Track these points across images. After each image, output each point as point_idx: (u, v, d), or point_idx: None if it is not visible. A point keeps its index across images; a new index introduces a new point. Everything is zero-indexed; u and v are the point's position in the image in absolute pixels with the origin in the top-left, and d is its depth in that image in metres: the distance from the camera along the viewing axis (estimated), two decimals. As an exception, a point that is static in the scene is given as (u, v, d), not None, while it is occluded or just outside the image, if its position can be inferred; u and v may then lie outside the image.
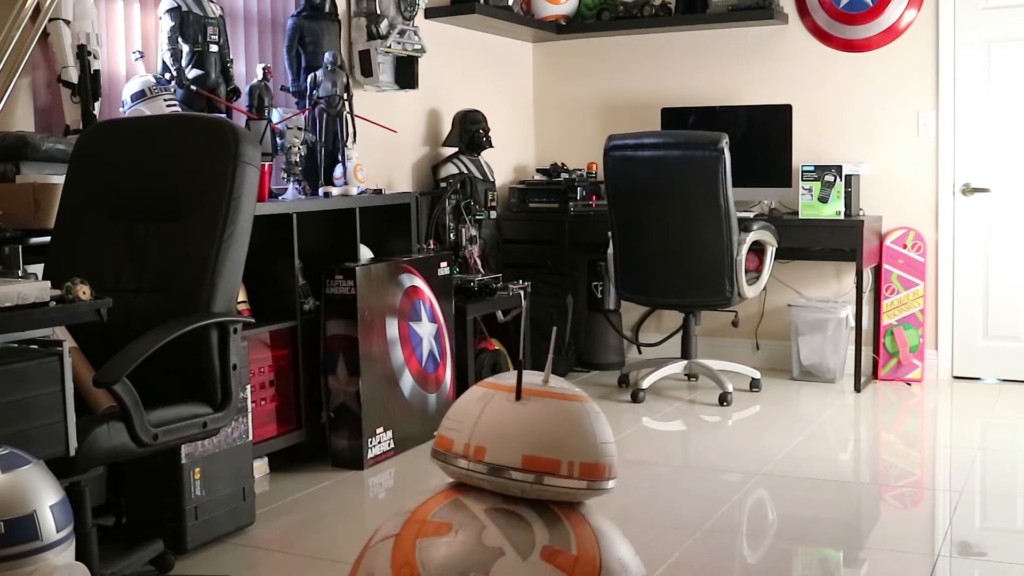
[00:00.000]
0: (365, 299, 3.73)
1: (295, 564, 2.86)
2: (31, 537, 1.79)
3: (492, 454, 1.69)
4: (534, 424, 1.70)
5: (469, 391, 1.82)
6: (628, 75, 5.79)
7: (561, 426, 1.70)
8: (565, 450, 1.69)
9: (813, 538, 3.02)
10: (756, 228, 4.72)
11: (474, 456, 1.70)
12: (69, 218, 2.61)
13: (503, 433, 1.70)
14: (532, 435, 1.69)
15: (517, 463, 1.68)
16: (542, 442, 1.69)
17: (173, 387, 2.42)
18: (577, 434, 1.71)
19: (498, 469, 1.69)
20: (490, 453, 1.69)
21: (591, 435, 1.73)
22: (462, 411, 1.76)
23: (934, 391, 4.96)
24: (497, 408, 1.73)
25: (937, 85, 5.14)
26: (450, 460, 1.73)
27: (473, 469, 1.70)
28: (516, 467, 1.68)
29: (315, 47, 4.11)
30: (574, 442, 1.70)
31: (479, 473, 1.70)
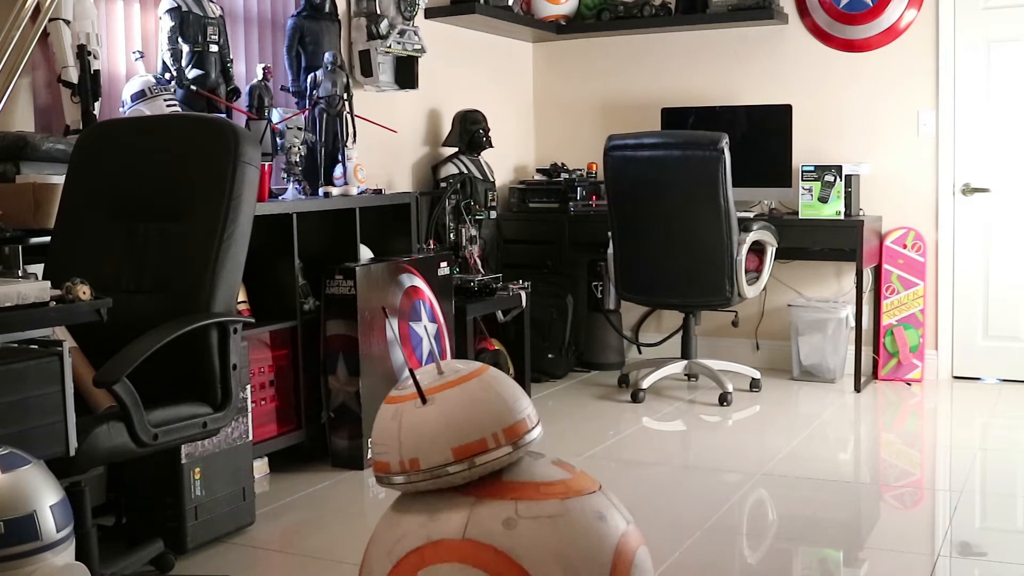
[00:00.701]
0: (365, 299, 3.73)
1: (295, 564, 2.86)
2: (31, 537, 1.79)
3: (425, 461, 1.80)
4: (447, 419, 1.81)
5: (380, 411, 1.90)
6: (628, 75, 5.79)
7: (471, 410, 1.82)
8: (483, 427, 1.80)
9: (813, 538, 3.02)
10: (756, 228, 4.72)
11: (411, 468, 1.82)
12: (69, 218, 2.61)
13: (425, 438, 1.81)
14: (450, 429, 1.80)
15: (450, 458, 1.79)
16: (461, 431, 1.80)
17: (173, 387, 2.42)
18: (486, 409, 1.82)
19: (436, 471, 1.79)
20: (423, 461, 1.80)
21: (499, 403, 1.83)
22: (383, 433, 1.87)
23: (934, 391, 4.96)
24: (410, 418, 1.84)
25: (937, 85, 5.14)
26: (393, 480, 1.84)
27: (413, 480, 1.81)
28: (450, 462, 1.79)
29: (315, 47, 4.11)
30: (487, 417, 1.81)
31: (421, 481, 1.80)
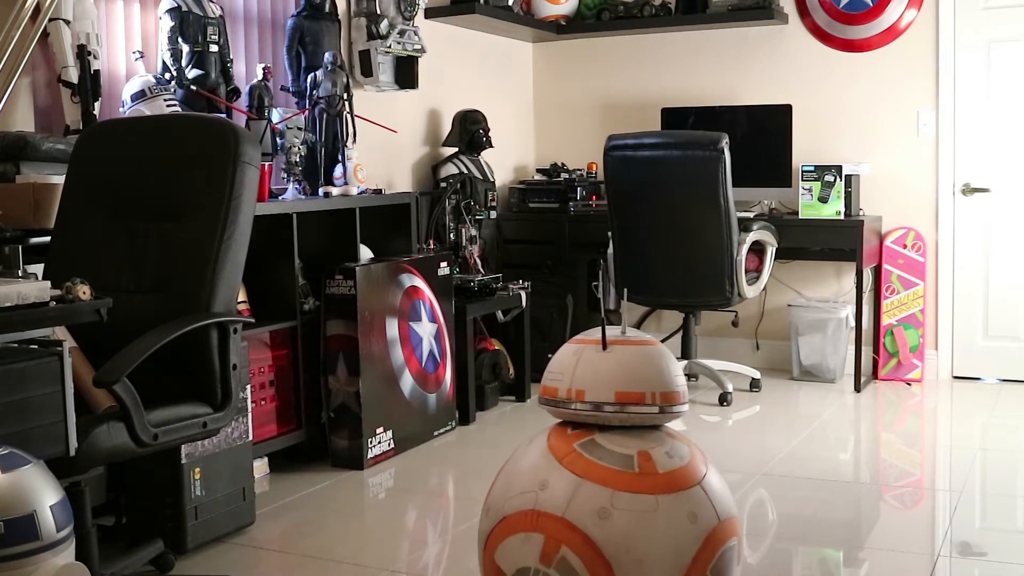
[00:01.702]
0: (365, 299, 3.73)
1: (295, 564, 2.86)
2: (31, 537, 1.79)
3: (591, 394, 2.12)
4: (621, 367, 2.12)
5: (563, 348, 2.22)
6: (628, 75, 5.79)
7: (642, 366, 2.12)
8: (647, 384, 2.11)
9: (813, 538, 3.02)
10: (756, 228, 4.72)
11: (576, 397, 2.13)
12: (69, 218, 2.61)
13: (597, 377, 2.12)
14: (620, 376, 2.11)
15: (611, 399, 2.10)
16: (629, 380, 2.10)
17: (173, 387, 2.42)
18: (654, 371, 2.12)
19: (597, 405, 2.11)
20: (589, 394, 2.12)
21: (665, 371, 2.13)
22: (561, 364, 2.18)
23: (934, 391, 4.96)
24: (589, 357, 2.15)
25: (937, 85, 5.14)
26: (558, 404, 2.15)
27: (578, 408, 2.12)
28: (610, 402, 2.10)
29: (315, 47, 4.11)
30: (653, 377, 2.11)
31: (583, 411, 2.12)
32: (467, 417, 4.36)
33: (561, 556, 2.00)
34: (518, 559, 2.05)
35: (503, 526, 2.09)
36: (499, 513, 2.12)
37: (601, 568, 1.97)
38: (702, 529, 2.02)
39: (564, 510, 2.02)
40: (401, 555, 2.91)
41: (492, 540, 2.12)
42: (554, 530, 2.02)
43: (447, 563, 2.86)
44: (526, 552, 2.04)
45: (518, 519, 2.07)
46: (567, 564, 1.99)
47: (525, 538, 2.05)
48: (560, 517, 2.02)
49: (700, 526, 2.03)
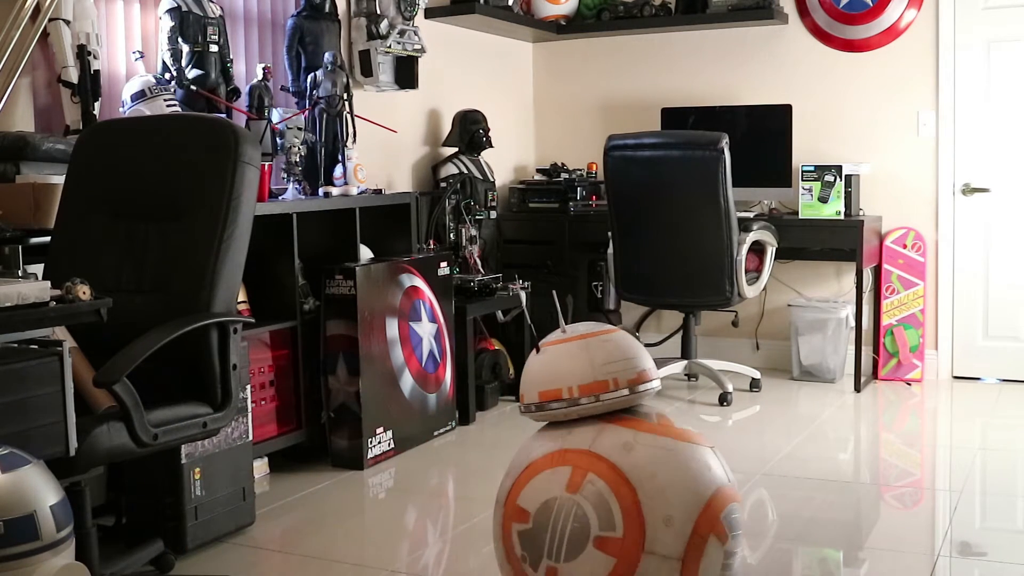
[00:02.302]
0: (365, 299, 3.73)
1: (295, 564, 2.86)
2: (31, 537, 1.79)
3: (527, 397, 2.29)
4: (542, 367, 2.26)
5: None
6: (628, 75, 5.79)
7: (560, 362, 2.23)
8: (564, 380, 2.21)
9: (813, 538, 3.02)
10: (756, 228, 4.72)
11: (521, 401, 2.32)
12: (69, 218, 2.62)
13: (527, 380, 2.29)
14: (541, 376, 2.25)
15: (536, 399, 2.25)
16: (547, 379, 2.24)
17: (173, 387, 2.42)
18: (574, 364, 2.21)
19: (527, 407, 2.28)
20: (526, 397, 2.29)
21: (589, 362, 2.20)
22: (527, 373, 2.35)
23: (934, 391, 4.96)
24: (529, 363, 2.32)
25: (937, 85, 5.14)
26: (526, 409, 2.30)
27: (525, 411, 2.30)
28: (535, 402, 2.25)
29: (315, 47, 4.11)
30: (571, 371, 2.20)
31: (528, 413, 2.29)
32: (467, 417, 4.36)
33: (588, 482, 2.09)
34: (543, 493, 2.13)
35: (528, 472, 2.19)
36: (522, 464, 2.23)
37: (627, 493, 2.07)
38: (715, 479, 2.15)
39: (590, 444, 2.15)
40: (401, 555, 2.91)
41: (514, 490, 2.20)
42: (581, 461, 2.12)
43: (447, 563, 2.86)
44: (552, 484, 2.13)
45: (544, 461, 2.18)
46: (594, 489, 2.08)
47: (551, 473, 2.14)
48: (586, 450, 2.14)
49: (713, 476, 2.15)
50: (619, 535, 2.05)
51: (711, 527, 2.10)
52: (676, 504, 2.08)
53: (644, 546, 2.05)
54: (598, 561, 2.05)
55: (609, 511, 2.07)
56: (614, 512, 2.06)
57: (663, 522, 2.06)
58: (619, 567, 2.04)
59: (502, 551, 2.22)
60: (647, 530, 2.05)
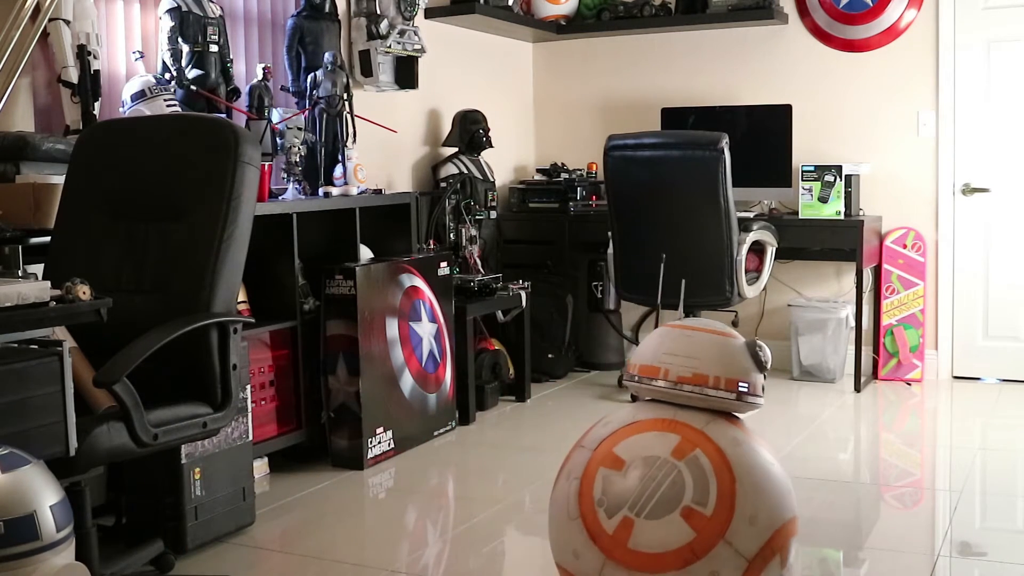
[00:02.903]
0: (365, 299, 3.73)
1: (295, 564, 2.86)
2: (31, 537, 1.79)
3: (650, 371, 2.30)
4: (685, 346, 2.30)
5: None
6: (628, 75, 5.79)
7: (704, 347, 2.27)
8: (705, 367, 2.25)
9: (813, 538, 3.02)
10: (756, 228, 4.72)
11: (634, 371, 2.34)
12: (69, 218, 2.62)
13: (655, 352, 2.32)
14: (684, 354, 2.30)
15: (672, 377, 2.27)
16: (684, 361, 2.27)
17: (173, 387, 2.42)
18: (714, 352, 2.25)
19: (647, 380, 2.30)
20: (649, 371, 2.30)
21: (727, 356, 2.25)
22: None
23: (934, 391, 4.96)
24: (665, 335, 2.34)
25: (937, 85, 5.14)
26: None
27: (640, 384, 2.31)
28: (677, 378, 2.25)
29: (315, 47, 4.11)
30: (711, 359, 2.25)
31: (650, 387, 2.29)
32: (467, 417, 4.36)
33: (694, 455, 2.13)
34: (648, 449, 2.16)
35: (632, 428, 2.21)
36: (625, 420, 2.26)
37: (727, 479, 2.11)
38: (793, 507, 2.21)
39: (704, 426, 2.19)
40: (401, 555, 2.91)
41: (613, 438, 2.22)
42: (692, 436, 2.16)
43: (447, 563, 2.86)
44: (658, 445, 2.16)
45: (652, 424, 2.21)
46: (698, 463, 2.12)
47: (659, 436, 2.18)
48: (699, 429, 2.18)
49: (792, 503, 2.21)
50: (708, 512, 2.08)
51: (780, 546, 2.14)
52: (765, 509, 2.12)
53: (725, 534, 2.07)
54: (679, 529, 2.08)
55: (707, 487, 2.10)
56: (711, 490, 2.09)
57: (749, 520, 2.09)
58: (696, 543, 2.07)
59: (575, 490, 2.21)
60: (733, 520, 2.08)
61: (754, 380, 2.24)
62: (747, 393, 2.22)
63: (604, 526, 2.13)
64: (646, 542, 2.09)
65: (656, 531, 2.08)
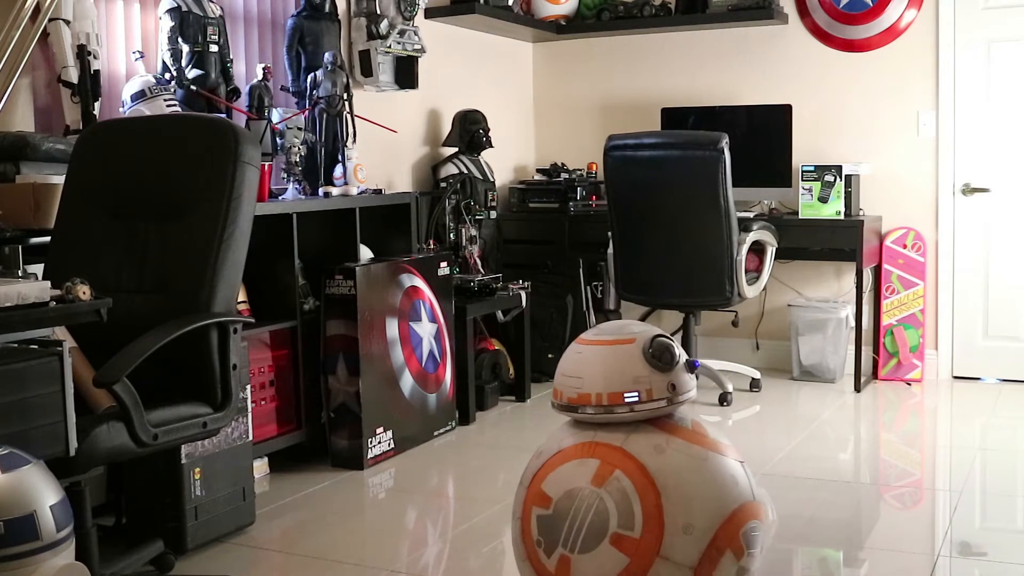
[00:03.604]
0: (365, 299, 3.73)
1: (295, 564, 2.86)
2: (31, 537, 1.79)
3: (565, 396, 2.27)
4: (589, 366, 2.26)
5: None
6: (628, 75, 5.79)
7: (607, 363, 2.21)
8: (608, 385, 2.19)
9: (813, 538, 3.02)
10: (756, 228, 4.72)
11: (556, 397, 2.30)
12: (69, 218, 2.61)
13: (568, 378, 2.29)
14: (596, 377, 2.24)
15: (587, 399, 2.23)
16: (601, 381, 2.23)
17: (173, 387, 2.42)
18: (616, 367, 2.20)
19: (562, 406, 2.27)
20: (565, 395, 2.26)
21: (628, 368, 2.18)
22: None
23: (934, 391, 4.96)
24: (570, 359, 2.31)
25: (937, 85, 5.14)
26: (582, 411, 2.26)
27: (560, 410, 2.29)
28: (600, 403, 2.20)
29: (315, 47, 4.11)
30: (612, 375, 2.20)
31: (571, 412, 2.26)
32: (467, 417, 4.36)
33: (614, 478, 2.08)
34: (569, 482, 2.13)
35: (557, 458, 2.18)
36: (552, 450, 2.22)
37: (651, 496, 2.06)
38: (741, 495, 2.14)
39: (622, 442, 2.13)
40: (401, 555, 2.91)
41: (541, 473, 2.20)
42: (610, 456, 2.11)
43: (447, 563, 2.86)
44: (578, 475, 2.12)
45: (573, 451, 2.17)
46: (619, 486, 2.08)
47: (580, 463, 2.14)
48: (618, 447, 2.12)
49: (739, 491, 2.14)
50: (636, 535, 2.05)
51: (729, 541, 2.09)
52: (698, 514, 2.08)
53: (660, 551, 2.05)
54: (612, 558, 2.05)
55: (631, 510, 2.06)
56: (635, 512, 2.06)
57: (683, 529, 2.06)
58: (632, 567, 2.05)
59: (519, 531, 2.23)
60: (665, 535, 2.05)
61: (653, 383, 2.14)
62: (640, 402, 2.13)
63: (547, 566, 2.13)
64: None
65: (591, 564, 2.06)
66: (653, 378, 2.15)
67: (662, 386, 2.16)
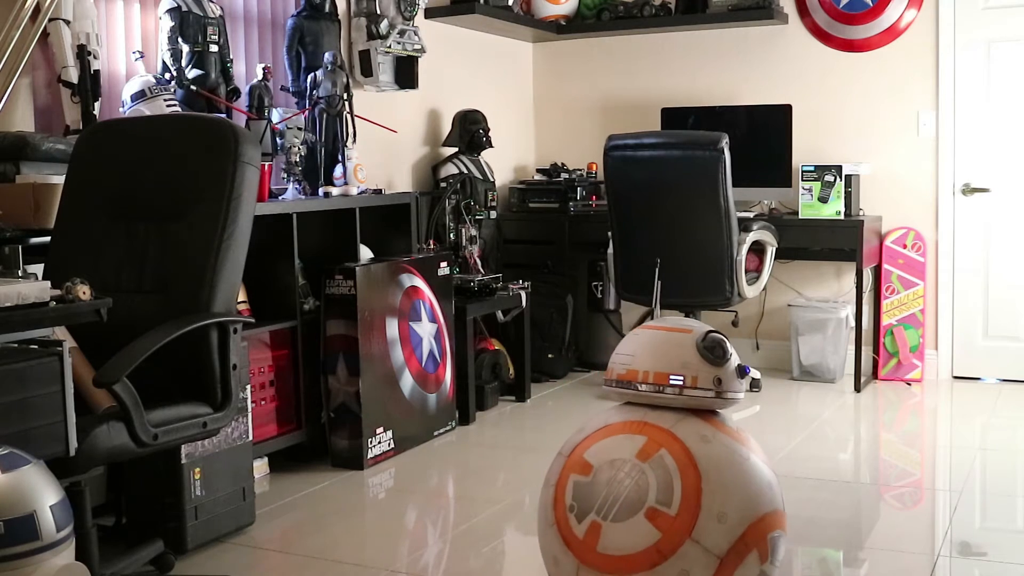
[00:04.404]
0: (365, 299, 3.73)
1: (295, 564, 2.86)
2: (31, 537, 1.79)
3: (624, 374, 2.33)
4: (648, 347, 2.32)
5: None
6: (628, 75, 5.79)
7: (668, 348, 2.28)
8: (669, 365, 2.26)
9: (813, 538, 3.02)
10: (756, 228, 4.72)
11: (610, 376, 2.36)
12: (69, 218, 2.61)
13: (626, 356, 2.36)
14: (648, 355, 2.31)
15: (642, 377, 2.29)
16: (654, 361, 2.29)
17: (173, 387, 2.42)
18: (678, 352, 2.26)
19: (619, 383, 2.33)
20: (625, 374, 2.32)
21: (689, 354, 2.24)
22: None
23: (934, 391, 4.96)
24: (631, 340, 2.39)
25: (937, 85, 5.14)
26: None
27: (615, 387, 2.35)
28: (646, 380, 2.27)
29: (315, 47, 4.11)
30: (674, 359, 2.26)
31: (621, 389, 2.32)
32: (467, 417, 4.36)
33: (659, 455, 2.13)
34: (614, 453, 2.18)
35: (603, 431, 2.23)
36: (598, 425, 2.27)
37: (693, 478, 2.11)
38: (773, 500, 2.19)
39: (671, 426, 2.19)
40: (401, 555, 2.91)
41: (585, 443, 2.24)
42: (658, 436, 2.17)
43: (447, 563, 2.86)
44: (625, 447, 2.17)
45: (621, 427, 2.22)
46: (662, 464, 2.12)
47: (626, 438, 2.19)
48: (666, 429, 2.18)
49: (772, 496, 2.19)
50: (672, 513, 2.08)
51: (757, 541, 2.12)
52: (734, 505, 2.11)
53: (692, 533, 2.07)
54: (644, 531, 2.08)
55: (671, 487, 2.10)
56: (675, 489, 2.10)
57: (717, 517, 2.08)
58: (662, 543, 2.07)
59: (550, 498, 2.24)
60: (700, 518, 2.08)
61: (700, 372, 2.20)
62: (685, 387, 2.19)
63: (575, 531, 2.15)
64: (613, 545, 2.10)
65: (622, 534, 2.10)
66: (701, 368, 2.20)
67: (708, 378, 2.20)
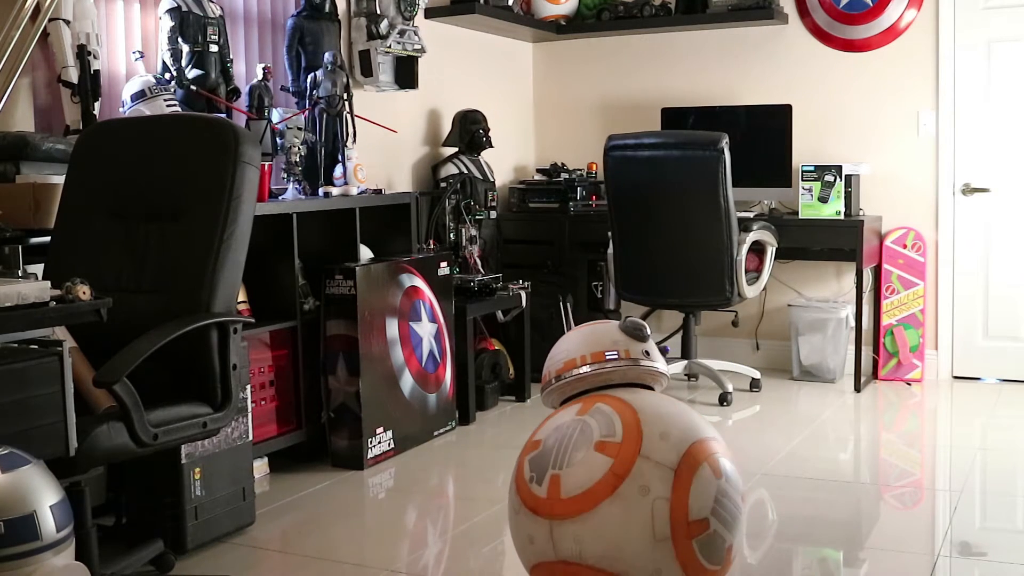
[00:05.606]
0: (365, 299, 3.73)
1: (295, 564, 2.87)
2: (31, 537, 1.79)
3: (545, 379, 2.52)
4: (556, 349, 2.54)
5: None
6: (628, 75, 5.79)
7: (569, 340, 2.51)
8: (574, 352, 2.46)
9: (813, 538, 3.02)
10: (756, 228, 4.72)
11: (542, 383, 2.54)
12: (69, 218, 2.62)
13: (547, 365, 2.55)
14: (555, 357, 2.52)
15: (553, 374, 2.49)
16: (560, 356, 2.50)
17: (173, 387, 2.42)
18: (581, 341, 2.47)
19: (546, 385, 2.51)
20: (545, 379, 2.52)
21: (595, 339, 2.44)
22: None
23: (934, 391, 4.96)
24: None
25: (937, 85, 5.14)
26: None
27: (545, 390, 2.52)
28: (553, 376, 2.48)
29: (315, 47, 4.11)
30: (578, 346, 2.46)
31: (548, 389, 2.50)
32: (467, 417, 4.36)
33: (595, 408, 2.31)
34: (555, 422, 2.36)
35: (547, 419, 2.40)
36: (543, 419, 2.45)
37: (630, 413, 2.27)
38: (707, 430, 2.35)
39: (605, 392, 2.38)
40: (401, 555, 2.91)
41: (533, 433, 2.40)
42: (593, 398, 2.36)
43: (447, 563, 2.86)
44: (564, 415, 2.35)
45: (563, 408, 2.40)
46: (600, 411, 2.29)
47: (565, 411, 2.38)
48: (601, 393, 2.37)
49: (706, 427, 2.35)
50: (618, 440, 2.23)
51: (705, 456, 2.24)
52: (673, 425, 2.26)
53: (640, 451, 2.21)
54: (596, 462, 2.21)
55: (612, 423, 2.26)
56: (616, 424, 2.25)
57: (660, 436, 2.23)
58: (616, 466, 2.20)
59: (513, 488, 2.35)
60: (644, 440, 2.22)
61: (630, 347, 2.39)
62: (617, 359, 2.37)
63: (538, 494, 2.26)
64: (574, 485, 2.21)
65: (578, 472, 2.22)
66: (630, 343, 2.39)
67: (638, 350, 2.39)
